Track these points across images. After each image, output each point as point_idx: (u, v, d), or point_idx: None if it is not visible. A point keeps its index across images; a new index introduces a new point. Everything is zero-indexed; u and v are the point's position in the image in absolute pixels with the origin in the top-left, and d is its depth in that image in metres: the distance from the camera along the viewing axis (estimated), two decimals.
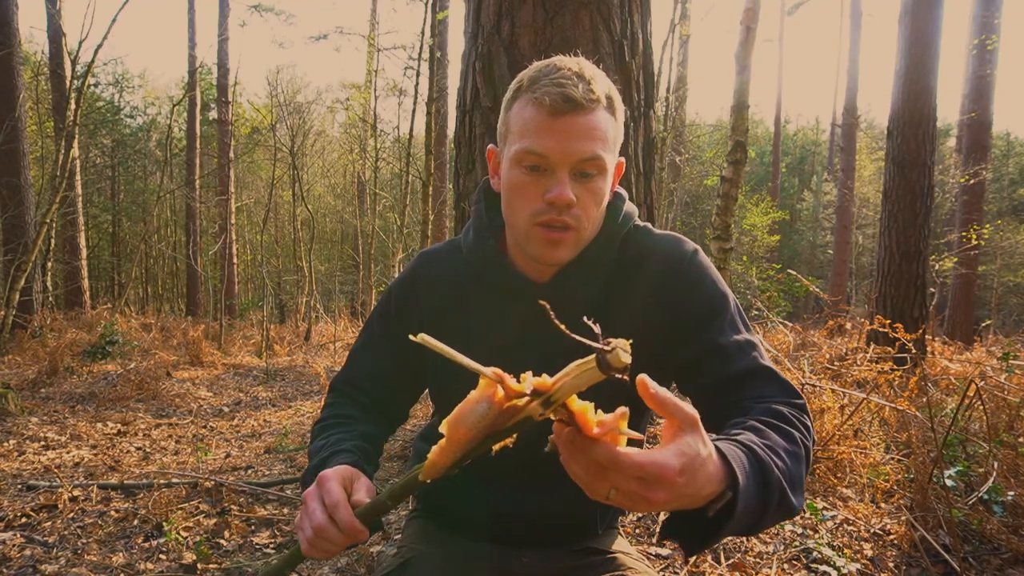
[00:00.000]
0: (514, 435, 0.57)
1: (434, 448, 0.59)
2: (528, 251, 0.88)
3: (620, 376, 0.49)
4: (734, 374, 0.82)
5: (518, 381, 0.54)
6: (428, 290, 0.99)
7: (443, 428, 0.57)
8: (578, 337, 0.50)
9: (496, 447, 0.57)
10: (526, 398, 0.54)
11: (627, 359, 0.48)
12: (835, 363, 4.29)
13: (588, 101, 0.80)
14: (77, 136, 9.03)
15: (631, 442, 0.54)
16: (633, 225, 0.96)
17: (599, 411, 0.53)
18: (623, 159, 0.93)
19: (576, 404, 0.52)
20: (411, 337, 0.56)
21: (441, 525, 1.05)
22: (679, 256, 0.91)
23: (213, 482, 2.72)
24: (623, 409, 0.53)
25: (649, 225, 0.98)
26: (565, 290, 0.91)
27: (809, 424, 0.76)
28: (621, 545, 1.03)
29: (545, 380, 0.53)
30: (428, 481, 0.60)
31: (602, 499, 0.54)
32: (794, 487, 0.66)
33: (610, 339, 0.49)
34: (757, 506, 0.61)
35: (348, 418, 0.97)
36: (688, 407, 0.55)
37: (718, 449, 0.59)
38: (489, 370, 0.54)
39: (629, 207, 0.96)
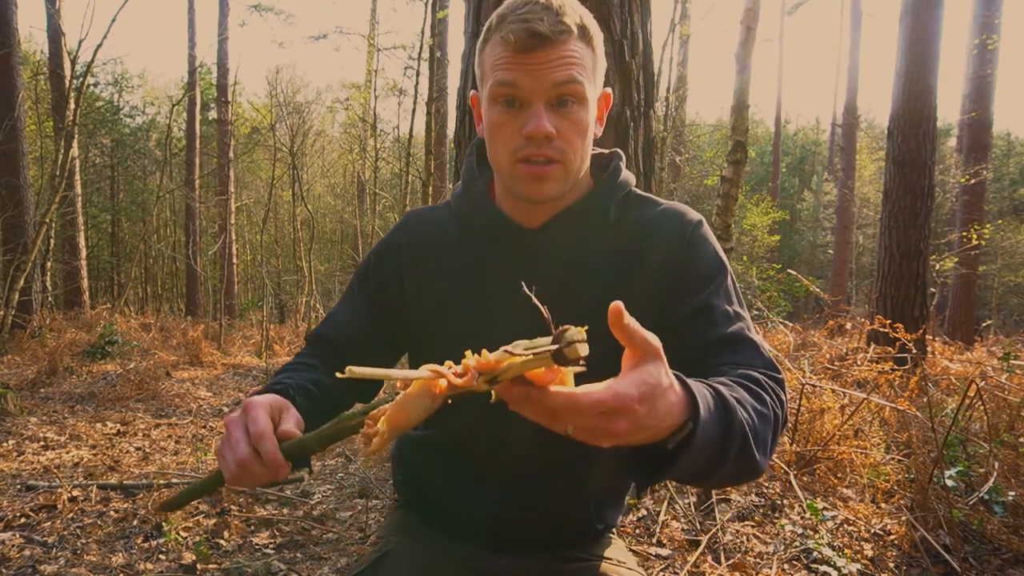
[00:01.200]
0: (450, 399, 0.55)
1: (381, 422, 0.56)
2: (515, 190, 0.87)
3: (576, 367, 0.48)
4: (718, 336, 0.81)
5: (476, 355, 0.52)
6: (411, 249, 0.97)
7: (385, 414, 0.55)
8: (550, 325, 0.49)
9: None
10: (469, 376, 0.52)
11: (585, 351, 0.47)
12: (835, 363, 4.29)
13: (556, 33, 0.78)
14: (76, 136, 9.03)
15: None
16: (633, 192, 0.94)
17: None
18: (609, 90, 0.90)
19: None
20: (337, 374, 0.54)
21: (425, 519, 1.02)
22: (684, 226, 0.90)
23: None
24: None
25: (651, 195, 0.96)
26: (555, 237, 0.90)
27: (783, 399, 0.74)
28: (614, 550, 1.00)
29: (490, 360, 0.50)
30: (359, 431, 0.59)
31: (562, 434, 0.52)
32: (758, 444, 0.64)
33: (568, 326, 0.47)
34: (717, 446, 0.59)
35: (308, 367, 0.93)
36: (652, 338, 0.52)
37: (681, 380, 0.57)
38: (423, 371, 0.53)
39: (627, 174, 0.94)
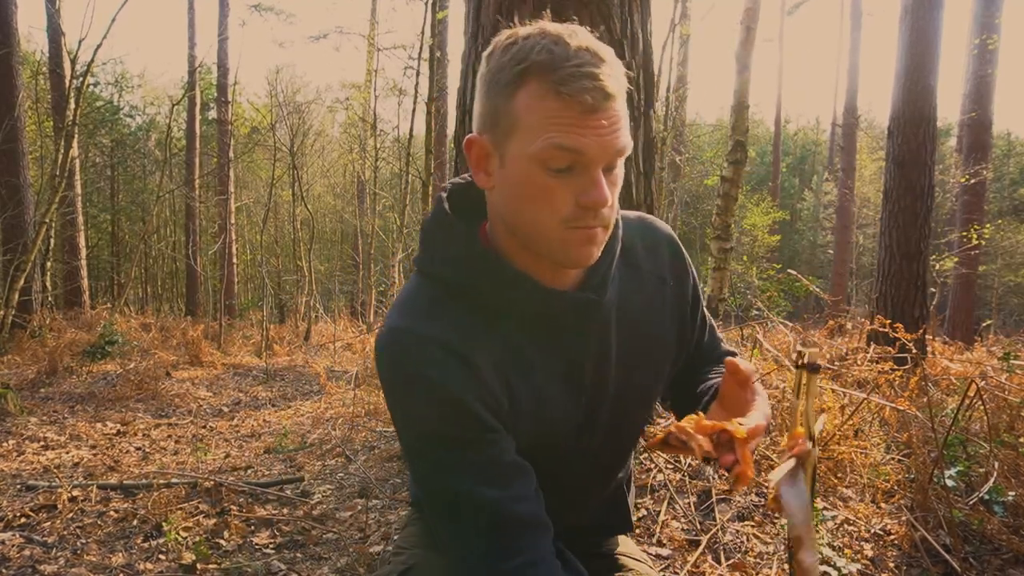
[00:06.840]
0: None
1: None
2: (557, 256, 0.76)
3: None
4: (717, 344, 1.02)
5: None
6: (471, 372, 0.76)
7: None
8: None
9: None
10: None
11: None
12: (835, 363, 4.28)
13: (620, 90, 0.69)
14: (76, 136, 9.02)
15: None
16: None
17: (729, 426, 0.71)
18: None
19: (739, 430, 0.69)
20: None
21: None
22: (670, 237, 0.94)
23: (213, 482, 2.72)
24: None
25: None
26: (593, 292, 0.81)
27: None
28: (626, 547, 1.02)
29: None
30: None
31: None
32: None
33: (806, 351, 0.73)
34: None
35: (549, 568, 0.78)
36: (744, 362, 0.77)
37: None
38: None
39: None
